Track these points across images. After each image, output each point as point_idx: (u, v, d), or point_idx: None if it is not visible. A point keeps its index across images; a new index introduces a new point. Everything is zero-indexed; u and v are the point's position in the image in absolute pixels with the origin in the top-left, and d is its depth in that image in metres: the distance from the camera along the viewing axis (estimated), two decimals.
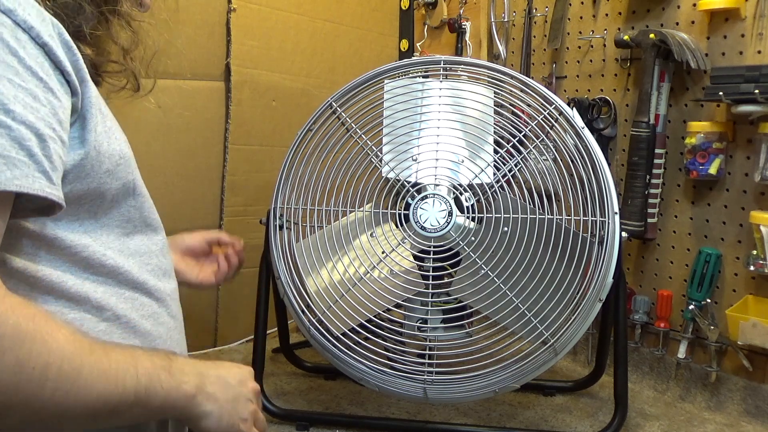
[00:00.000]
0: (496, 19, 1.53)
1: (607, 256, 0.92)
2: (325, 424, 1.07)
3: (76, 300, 0.63)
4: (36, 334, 0.51)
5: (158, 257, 0.73)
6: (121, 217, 0.68)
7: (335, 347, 0.98)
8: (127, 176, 0.67)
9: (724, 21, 1.15)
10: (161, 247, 0.75)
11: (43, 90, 0.55)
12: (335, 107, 1.04)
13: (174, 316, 0.75)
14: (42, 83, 0.55)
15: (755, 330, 1.06)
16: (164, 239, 0.77)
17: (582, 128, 0.97)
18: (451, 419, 1.09)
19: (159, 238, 0.75)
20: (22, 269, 0.59)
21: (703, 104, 1.19)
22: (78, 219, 0.63)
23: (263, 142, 1.43)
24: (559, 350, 0.93)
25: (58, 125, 0.56)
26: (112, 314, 0.66)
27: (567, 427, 1.08)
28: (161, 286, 0.73)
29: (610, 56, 1.33)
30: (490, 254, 0.95)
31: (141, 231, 0.71)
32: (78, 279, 0.63)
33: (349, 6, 1.59)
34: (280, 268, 1.02)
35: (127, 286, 0.68)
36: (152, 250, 0.72)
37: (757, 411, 1.12)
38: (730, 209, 1.16)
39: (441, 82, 1.03)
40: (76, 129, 0.60)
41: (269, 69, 1.43)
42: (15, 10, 0.54)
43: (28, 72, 0.54)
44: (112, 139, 0.64)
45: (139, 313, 0.69)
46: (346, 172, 1.02)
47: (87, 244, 0.63)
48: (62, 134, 0.56)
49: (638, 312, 1.28)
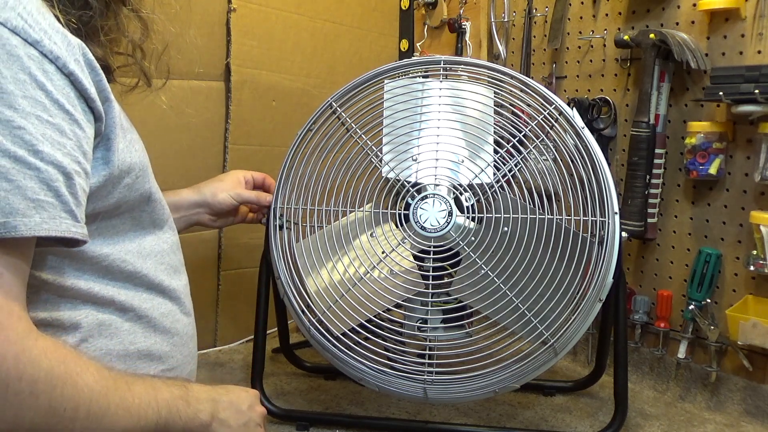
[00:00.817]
0: (496, 19, 1.53)
1: (607, 256, 0.92)
2: (325, 424, 1.07)
3: (102, 303, 0.66)
4: (67, 378, 0.53)
5: (169, 255, 0.76)
6: (133, 221, 0.70)
7: (335, 347, 0.98)
8: (144, 186, 0.70)
9: (724, 21, 1.15)
10: (171, 245, 0.77)
11: (69, 122, 0.56)
12: (335, 107, 1.04)
13: (187, 313, 0.79)
14: (68, 116, 0.56)
15: (755, 330, 1.06)
16: (175, 236, 0.79)
17: (582, 128, 0.97)
18: (451, 419, 1.09)
19: (168, 236, 0.76)
20: (51, 281, 0.62)
21: (703, 104, 1.19)
22: (97, 230, 0.65)
23: (263, 142, 1.43)
24: (559, 350, 0.93)
25: (83, 157, 0.58)
26: (134, 315, 0.69)
27: (567, 427, 1.08)
28: (175, 285, 0.75)
29: (610, 56, 1.33)
30: (490, 254, 0.95)
31: (151, 232, 0.73)
32: (102, 285, 0.66)
33: (349, 6, 1.58)
34: (280, 268, 1.02)
35: (144, 287, 0.71)
36: (164, 249, 0.75)
37: (757, 411, 1.12)
38: (730, 209, 1.16)
39: (441, 82, 1.03)
40: (100, 150, 0.62)
41: (269, 69, 1.43)
42: (41, 41, 0.55)
43: (55, 106, 0.55)
44: (133, 152, 0.67)
45: (158, 312, 0.72)
46: (346, 172, 1.02)
47: (108, 253, 0.66)
48: (86, 166, 0.59)
49: (638, 312, 1.28)
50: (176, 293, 0.75)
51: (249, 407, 0.74)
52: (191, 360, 0.79)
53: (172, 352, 0.73)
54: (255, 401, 0.76)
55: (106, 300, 0.66)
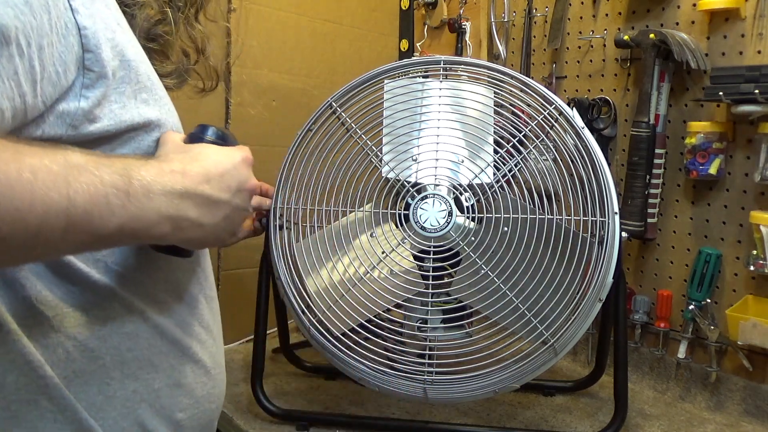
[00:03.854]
0: (496, 19, 1.53)
1: (607, 256, 0.92)
2: (325, 424, 1.07)
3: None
4: None
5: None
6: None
7: (335, 347, 0.98)
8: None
9: (724, 21, 1.15)
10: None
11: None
12: (335, 107, 1.04)
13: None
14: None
15: (755, 330, 1.06)
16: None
17: (582, 128, 0.97)
18: (451, 419, 1.09)
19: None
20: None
21: (703, 104, 1.19)
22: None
23: (263, 142, 1.43)
24: (559, 350, 0.93)
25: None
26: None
27: (567, 427, 1.08)
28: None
29: (610, 56, 1.33)
30: (490, 254, 0.95)
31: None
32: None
33: (349, 6, 1.59)
34: (280, 268, 1.02)
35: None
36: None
37: (757, 411, 1.12)
38: (730, 209, 1.16)
39: (441, 82, 1.03)
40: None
41: (269, 69, 1.43)
42: None
43: None
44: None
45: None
46: (346, 172, 1.02)
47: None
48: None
49: (638, 312, 1.28)
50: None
51: (237, 190, 0.61)
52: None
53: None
54: (246, 175, 0.63)
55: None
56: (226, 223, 0.61)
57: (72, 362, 0.58)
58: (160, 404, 0.64)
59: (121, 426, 0.60)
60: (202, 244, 0.61)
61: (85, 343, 0.58)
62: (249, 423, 1.07)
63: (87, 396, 0.58)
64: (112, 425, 0.60)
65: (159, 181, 0.54)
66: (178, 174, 0.56)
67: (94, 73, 0.54)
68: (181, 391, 0.66)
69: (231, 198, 0.61)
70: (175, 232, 0.56)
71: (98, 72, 0.55)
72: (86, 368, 0.58)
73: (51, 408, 0.56)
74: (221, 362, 0.75)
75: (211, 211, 0.58)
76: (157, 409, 0.63)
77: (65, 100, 0.53)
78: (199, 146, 0.63)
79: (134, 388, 0.62)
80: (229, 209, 0.61)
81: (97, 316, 0.59)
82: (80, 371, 0.58)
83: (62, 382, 0.57)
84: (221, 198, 0.60)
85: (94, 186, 0.48)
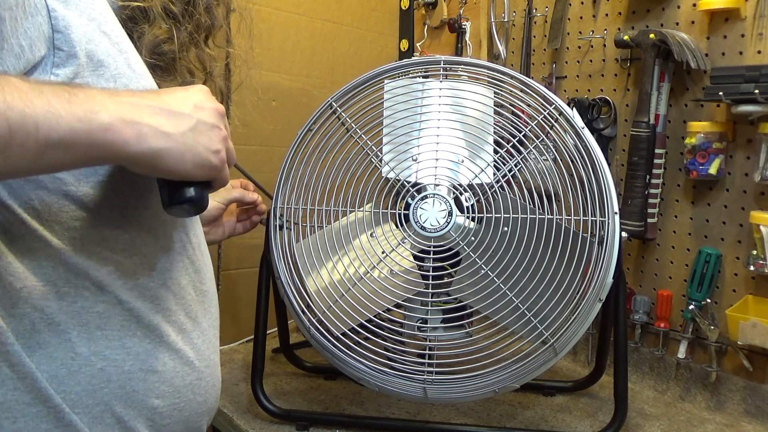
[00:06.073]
0: (496, 19, 1.53)
1: (607, 256, 0.92)
2: (325, 424, 1.07)
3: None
4: None
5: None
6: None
7: (335, 347, 0.98)
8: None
9: (724, 21, 1.15)
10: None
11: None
12: (335, 107, 1.04)
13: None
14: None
15: (755, 330, 1.06)
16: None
17: (582, 128, 0.97)
18: (451, 419, 1.09)
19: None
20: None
21: (703, 104, 1.19)
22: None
23: (263, 142, 1.43)
24: (559, 350, 0.93)
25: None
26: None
27: (567, 427, 1.08)
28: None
29: (610, 56, 1.33)
30: (490, 254, 0.95)
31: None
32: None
33: (349, 6, 1.59)
34: (280, 268, 1.02)
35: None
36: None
37: (757, 411, 1.12)
38: (730, 209, 1.16)
39: (441, 82, 1.03)
40: None
41: (269, 69, 1.43)
42: None
43: None
44: None
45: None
46: (346, 172, 1.02)
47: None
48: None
49: (638, 312, 1.28)
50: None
51: (194, 107, 0.60)
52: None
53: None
54: (203, 98, 0.62)
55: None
56: (196, 135, 0.59)
57: (37, 333, 0.59)
58: (131, 387, 0.64)
59: (85, 402, 0.61)
60: (179, 159, 0.58)
61: (52, 316, 0.59)
62: (249, 423, 1.07)
63: (50, 368, 0.59)
64: (75, 400, 0.60)
65: (104, 92, 0.56)
66: (126, 92, 0.58)
67: (63, 52, 0.57)
68: (157, 377, 0.66)
69: (192, 112, 0.60)
70: (140, 139, 0.55)
71: (67, 51, 0.57)
72: (50, 341, 0.59)
73: (11, 375, 0.58)
74: (211, 357, 0.74)
75: (171, 120, 0.57)
76: (128, 392, 0.64)
77: (34, 75, 0.55)
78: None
79: (101, 366, 0.62)
80: (194, 121, 0.60)
81: (67, 293, 0.60)
82: (44, 342, 0.59)
83: (25, 351, 0.58)
84: (180, 110, 0.59)
85: (33, 92, 0.49)
